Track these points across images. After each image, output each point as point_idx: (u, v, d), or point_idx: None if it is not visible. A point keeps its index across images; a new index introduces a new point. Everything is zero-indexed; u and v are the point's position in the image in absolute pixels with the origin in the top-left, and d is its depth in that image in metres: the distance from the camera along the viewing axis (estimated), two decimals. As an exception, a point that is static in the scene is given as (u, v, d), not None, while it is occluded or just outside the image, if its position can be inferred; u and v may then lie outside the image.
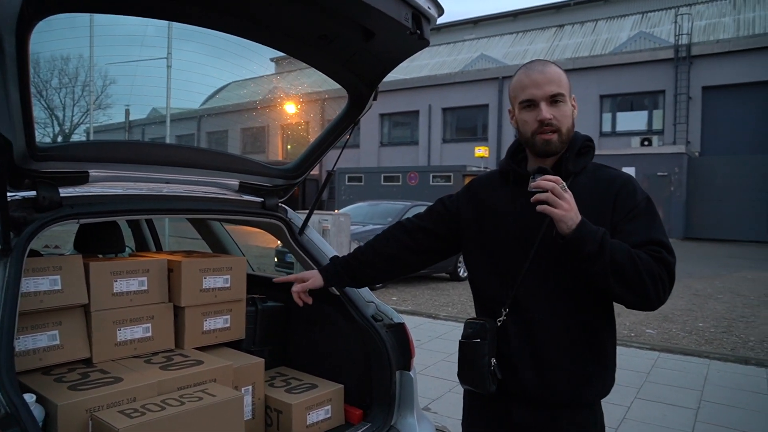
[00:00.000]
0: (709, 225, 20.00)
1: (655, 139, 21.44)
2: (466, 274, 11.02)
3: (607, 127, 24.04)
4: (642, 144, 21.21)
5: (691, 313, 7.82)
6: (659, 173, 19.73)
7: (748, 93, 21.35)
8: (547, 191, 1.38)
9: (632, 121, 23.85)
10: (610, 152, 20.33)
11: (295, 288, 1.87)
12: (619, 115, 24.10)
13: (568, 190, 1.41)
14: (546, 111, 1.50)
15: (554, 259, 1.51)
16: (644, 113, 23.80)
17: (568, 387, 1.52)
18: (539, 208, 1.40)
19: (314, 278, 1.86)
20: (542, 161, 1.57)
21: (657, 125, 23.05)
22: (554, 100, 1.50)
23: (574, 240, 1.38)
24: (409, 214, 12.23)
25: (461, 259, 1.95)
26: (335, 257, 1.94)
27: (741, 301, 8.79)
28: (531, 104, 1.52)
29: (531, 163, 1.61)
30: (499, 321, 1.57)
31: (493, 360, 1.54)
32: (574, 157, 1.55)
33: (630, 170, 19.12)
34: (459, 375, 1.62)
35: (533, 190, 1.41)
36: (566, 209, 1.38)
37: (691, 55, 22.04)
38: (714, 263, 13.42)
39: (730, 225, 19.66)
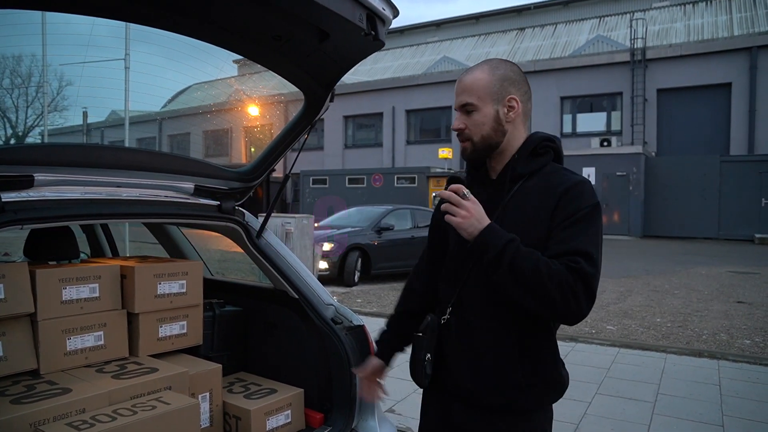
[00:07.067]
0: (666, 223, 20.59)
1: (614, 139, 21.95)
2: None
3: (567, 128, 24.54)
4: (601, 144, 21.69)
5: (650, 308, 8.03)
6: (618, 173, 20.23)
7: (700, 95, 22.12)
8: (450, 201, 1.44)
9: (592, 122, 24.40)
10: (571, 153, 20.75)
11: (361, 374, 1.89)
12: (579, 116, 24.63)
13: (470, 197, 1.44)
14: (456, 121, 1.57)
15: None
16: (603, 114, 24.37)
17: (499, 392, 1.49)
18: (445, 217, 1.45)
19: (373, 364, 1.85)
20: (490, 162, 1.58)
21: (615, 126, 23.64)
22: (465, 110, 1.54)
23: (475, 247, 1.42)
24: (388, 218, 12.37)
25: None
26: (382, 335, 1.86)
27: (695, 296, 9.07)
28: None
29: (488, 165, 1.61)
30: (444, 319, 1.58)
31: (428, 355, 1.57)
32: (525, 158, 1.53)
33: (590, 170, 19.57)
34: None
35: (439, 200, 1.48)
36: (464, 216, 1.41)
37: (646, 59, 22.69)
38: (670, 260, 13.82)
39: (684, 223, 20.28)
